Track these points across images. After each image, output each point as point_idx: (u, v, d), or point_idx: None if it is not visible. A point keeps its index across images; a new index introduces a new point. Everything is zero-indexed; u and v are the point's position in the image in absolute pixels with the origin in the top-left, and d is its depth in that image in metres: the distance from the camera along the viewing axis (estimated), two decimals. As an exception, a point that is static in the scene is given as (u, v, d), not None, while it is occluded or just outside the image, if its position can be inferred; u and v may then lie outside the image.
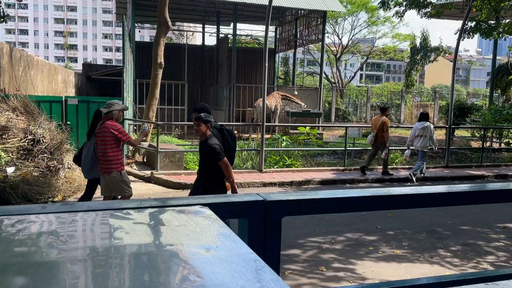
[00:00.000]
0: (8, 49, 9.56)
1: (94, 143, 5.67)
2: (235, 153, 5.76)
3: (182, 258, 0.74)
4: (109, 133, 5.46)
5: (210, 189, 4.89)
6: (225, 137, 5.18)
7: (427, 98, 33.59)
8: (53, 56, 79.40)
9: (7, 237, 0.83)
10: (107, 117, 5.57)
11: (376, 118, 10.46)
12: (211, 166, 4.86)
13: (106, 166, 5.54)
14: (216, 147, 4.75)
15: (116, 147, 5.59)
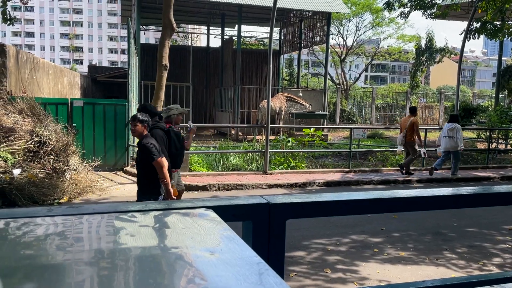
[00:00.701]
0: (14, 52, 9.63)
1: None
2: (183, 156, 5.57)
3: (186, 261, 0.75)
4: None
5: (144, 190, 4.74)
6: (172, 139, 5.06)
7: (433, 99, 33.44)
8: (59, 58, 79.88)
9: (14, 239, 0.84)
10: (167, 121, 5.86)
11: (405, 119, 10.63)
12: (145, 167, 4.69)
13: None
14: (150, 146, 4.58)
15: None
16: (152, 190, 4.73)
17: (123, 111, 10.10)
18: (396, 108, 28.07)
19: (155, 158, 4.58)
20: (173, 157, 5.05)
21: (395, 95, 29.96)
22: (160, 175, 4.66)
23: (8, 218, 0.91)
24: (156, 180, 4.70)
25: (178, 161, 5.25)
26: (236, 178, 9.31)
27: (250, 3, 16.93)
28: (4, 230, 0.87)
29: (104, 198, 7.70)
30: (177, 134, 5.20)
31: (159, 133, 4.98)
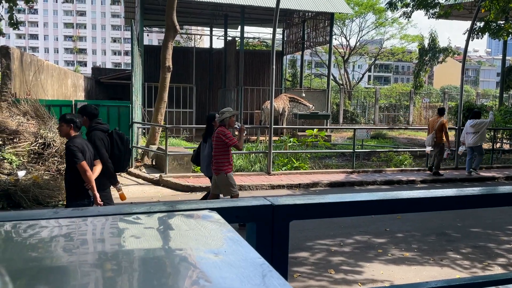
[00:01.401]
0: (18, 54, 9.69)
1: (210, 145, 6.35)
2: (128, 159, 5.38)
3: (191, 262, 0.76)
4: (219, 138, 6.07)
5: (69, 194, 4.64)
6: (114, 141, 4.94)
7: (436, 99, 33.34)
8: (63, 61, 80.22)
9: (20, 242, 0.84)
10: (221, 124, 6.15)
11: (433, 120, 10.78)
12: (70, 169, 4.55)
13: (217, 167, 6.15)
14: (72, 149, 4.42)
15: (225, 151, 6.15)
16: (79, 194, 4.56)
17: (127, 112, 10.12)
18: (400, 108, 27.99)
19: (78, 161, 4.41)
20: (116, 159, 4.90)
21: (399, 95, 29.89)
22: (85, 179, 4.45)
23: (14, 221, 0.92)
24: (81, 185, 4.50)
25: (122, 163, 5.08)
26: (240, 179, 9.32)
27: (252, 4, 16.95)
28: (11, 232, 0.88)
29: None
30: (120, 136, 5.05)
31: (99, 135, 4.84)
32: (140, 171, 9.98)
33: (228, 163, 6.17)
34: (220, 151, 6.10)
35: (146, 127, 13.30)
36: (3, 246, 0.83)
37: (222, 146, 6.08)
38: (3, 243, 0.85)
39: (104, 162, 4.80)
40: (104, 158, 4.81)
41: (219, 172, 6.12)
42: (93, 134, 4.87)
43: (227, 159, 6.15)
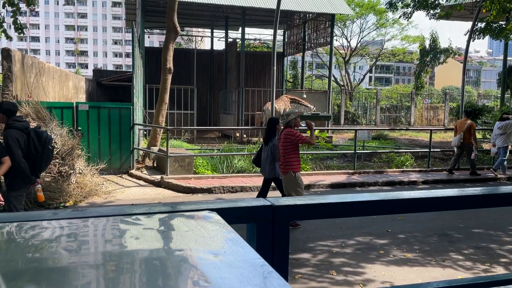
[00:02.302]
0: (20, 56, 9.70)
1: (271, 147, 6.54)
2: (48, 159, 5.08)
3: (190, 263, 0.75)
4: (288, 139, 6.25)
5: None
6: (31, 140, 4.77)
7: (438, 100, 33.31)
8: (64, 63, 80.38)
9: (20, 243, 0.84)
10: (287, 126, 6.35)
11: (461, 122, 11.01)
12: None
13: (285, 167, 6.31)
14: None
15: (294, 152, 6.32)
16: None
17: (128, 114, 10.13)
18: (401, 109, 27.97)
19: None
20: (32, 160, 4.77)
21: (400, 96, 29.87)
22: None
23: (14, 222, 0.92)
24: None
25: (40, 164, 4.91)
26: (241, 181, 9.32)
27: (253, 6, 16.97)
28: (11, 233, 0.88)
29: (110, 201, 7.72)
30: (38, 135, 4.85)
31: (13, 134, 4.67)
32: (142, 173, 9.99)
33: (297, 163, 6.38)
34: (289, 152, 6.29)
35: (147, 128, 13.31)
36: (4, 247, 0.83)
37: (290, 146, 6.27)
38: (4, 244, 0.85)
39: (17, 163, 4.62)
40: (16, 158, 4.62)
41: (287, 171, 6.28)
42: (7, 133, 4.70)
43: (296, 159, 6.35)
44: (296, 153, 6.36)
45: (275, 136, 6.62)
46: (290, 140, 6.25)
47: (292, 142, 6.25)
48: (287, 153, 6.30)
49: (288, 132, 6.30)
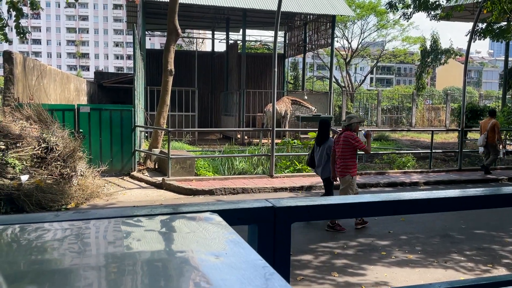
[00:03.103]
0: (21, 59, 9.72)
1: (325, 148, 6.71)
2: None
3: (192, 265, 0.75)
4: (348, 143, 6.31)
5: None
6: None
7: (439, 101, 33.30)
8: (66, 65, 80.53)
9: (23, 245, 0.84)
10: (347, 128, 6.43)
11: (485, 121, 11.13)
12: None
13: (343, 169, 6.41)
14: None
15: (352, 154, 6.41)
16: None
17: (129, 116, 10.14)
18: (402, 110, 27.96)
19: None
20: None
21: (401, 97, 29.86)
22: None
23: (16, 224, 0.92)
24: None
25: None
26: (242, 182, 9.31)
27: (254, 7, 16.99)
28: (13, 235, 0.88)
29: (111, 203, 7.73)
30: None
31: None
32: (143, 175, 9.99)
33: (355, 166, 6.49)
34: (348, 154, 6.37)
35: (149, 130, 13.31)
36: (5, 249, 0.83)
37: (349, 149, 6.35)
38: (5, 246, 0.85)
39: None
40: None
41: (345, 174, 6.39)
42: None
43: (354, 162, 6.47)
44: (354, 157, 6.48)
45: (329, 137, 6.85)
46: (350, 144, 6.33)
47: (351, 146, 6.34)
48: (345, 157, 6.39)
49: (348, 135, 6.37)
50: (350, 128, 6.44)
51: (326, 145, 6.75)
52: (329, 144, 6.75)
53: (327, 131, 6.93)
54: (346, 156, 6.37)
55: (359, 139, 6.49)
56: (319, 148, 6.86)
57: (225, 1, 16.95)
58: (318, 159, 6.89)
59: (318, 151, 6.89)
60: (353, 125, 6.45)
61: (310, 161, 7.17)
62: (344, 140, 6.36)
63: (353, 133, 6.43)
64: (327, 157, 6.71)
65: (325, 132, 6.90)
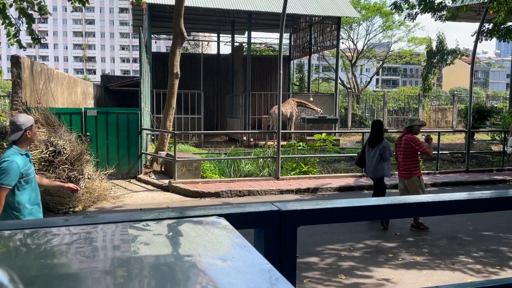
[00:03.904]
0: (29, 63, 9.82)
1: (379, 149, 6.80)
2: None
3: (199, 268, 0.76)
4: (409, 146, 6.43)
5: None
6: None
7: (446, 102, 33.13)
8: (72, 69, 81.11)
9: (32, 249, 0.86)
10: (408, 131, 6.55)
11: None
12: None
13: (407, 172, 6.51)
14: None
15: (415, 157, 6.52)
16: None
17: (136, 119, 10.20)
18: (409, 111, 27.83)
19: None
20: None
21: (407, 99, 29.74)
22: None
23: (27, 229, 0.93)
24: None
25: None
26: (248, 184, 9.32)
27: (259, 10, 17.03)
28: (24, 240, 0.89)
29: (118, 206, 7.77)
30: None
31: None
32: (150, 177, 10.03)
33: (418, 167, 6.60)
34: (410, 157, 6.49)
35: (155, 133, 13.37)
36: (16, 254, 0.85)
37: (412, 152, 6.46)
38: (16, 251, 0.87)
39: None
40: None
41: (411, 176, 6.48)
42: None
43: (417, 164, 6.57)
44: (417, 159, 6.59)
45: (383, 139, 6.95)
46: (411, 147, 6.44)
47: (413, 149, 6.45)
48: (408, 159, 6.50)
49: (410, 138, 6.47)
50: (411, 130, 6.54)
51: (380, 146, 6.84)
52: (383, 145, 6.84)
53: (380, 132, 7.01)
54: (409, 158, 6.49)
55: (420, 142, 6.55)
56: (372, 149, 6.96)
57: (230, 4, 17.01)
58: (370, 160, 6.99)
59: (370, 152, 6.98)
60: (415, 127, 6.55)
61: (360, 160, 7.33)
62: (406, 143, 6.48)
63: (414, 136, 6.52)
64: (380, 158, 6.82)
65: (379, 133, 6.99)
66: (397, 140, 6.75)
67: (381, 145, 6.84)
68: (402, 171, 6.58)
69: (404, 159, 6.51)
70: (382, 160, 6.82)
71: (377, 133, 7.00)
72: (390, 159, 7.03)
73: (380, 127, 7.07)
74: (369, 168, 7.05)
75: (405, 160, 6.50)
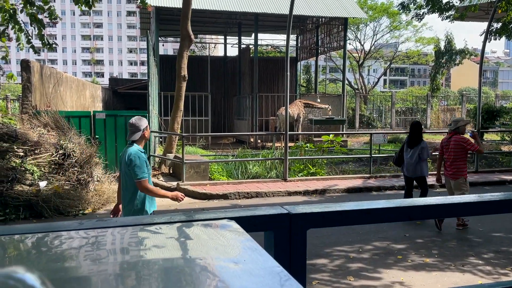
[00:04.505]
0: (38, 68, 9.93)
1: (418, 150, 6.99)
2: None
3: (212, 271, 0.78)
4: (459, 145, 6.56)
5: None
6: None
7: (454, 102, 32.86)
8: (81, 72, 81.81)
9: (48, 253, 0.88)
10: (455, 132, 6.66)
11: None
12: None
13: (454, 173, 6.64)
14: None
15: (465, 157, 6.68)
16: None
17: (144, 122, 10.25)
18: (417, 111, 27.66)
19: None
20: None
21: (415, 99, 29.56)
22: None
23: (42, 232, 0.96)
24: None
25: None
26: (256, 186, 9.34)
27: (266, 12, 17.06)
28: (39, 243, 0.92)
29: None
30: None
31: None
32: (158, 180, 10.08)
33: (466, 168, 6.75)
34: (460, 157, 6.62)
35: (163, 135, 13.44)
36: (32, 257, 0.87)
37: (462, 152, 6.60)
38: (31, 254, 0.89)
39: None
40: None
41: (458, 176, 6.61)
42: None
43: (465, 165, 6.72)
44: (465, 159, 6.71)
45: (422, 139, 7.14)
46: (462, 147, 6.56)
47: (464, 149, 6.57)
48: (457, 159, 6.60)
49: (460, 139, 6.59)
50: (457, 131, 6.63)
51: (419, 147, 7.03)
52: (423, 146, 7.03)
53: (419, 133, 7.20)
54: (459, 159, 6.60)
55: (471, 141, 6.69)
56: (410, 149, 7.13)
57: (237, 6, 17.06)
58: (409, 160, 7.14)
59: (409, 152, 7.15)
60: (461, 128, 6.65)
61: (398, 160, 7.49)
62: (456, 144, 6.57)
63: (463, 137, 6.65)
64: (419, 158, 7.01)
65: (418, 134, 7.17)
66: (443, 142, 6.84)
67: (420, 145, 7.05)
68: (449, 172, 6.69)
69: (454, 160, 6.61)
70: (420, 160, 7.03)
71: (417, 134, 7.19)
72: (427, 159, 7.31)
73: (420, 128, 7.28)
74: (408, 167, 7.20)
75: (455, 161, 6.60)
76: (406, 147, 7.25)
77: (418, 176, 7.18)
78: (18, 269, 0.50)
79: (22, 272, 0.50)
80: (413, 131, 7.26)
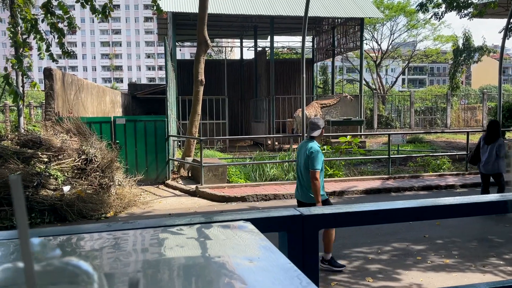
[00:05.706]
0: (60, 75, 10.22)
1: (495, 147, 7.32)
2: None
3: (229, 268, 0.85)
4: None
5: None
6: None
7: (475, 100, 32.27)
8: (101, 78, 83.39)
9: (79, 252, 0.97)
10: None
11: None
12: None
13: None
14: None
15: None
16: None
17: (163, 126, 10.45)
18: (437, 111, 27.28)
19: None
20: None
21: (435, 98, 29.16)
22: None
23: (74, 234, 1.05)
24: None
25: None
26: (274, 188, 9.39)
27: (281, 14, 17.14)
28: (75, 243, 1.01)
29: (148, 212, 7.98)
30: None
31: None
32: (177, 183, 10.24)
33: None
34: None
35: (182, 139, 13.63)
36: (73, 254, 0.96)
37: None
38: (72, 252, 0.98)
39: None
40: None
41: None
42: None
43: None
44: None
45: (499, 137, 7.49)
46: None
47: None
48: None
49: None
50: None
51: (496, 144, 7.35)
52: (500, 143, 7.36)
53: (497, 131, 7.53)
54: None
55: None
56: (487, 146, 7.44)
57: (252, 9, 17.18)
58: (486, 157, 7.45)
59: (486, 149, 7.46)
60: None
61: (474, 158, 7.80)
62: None
63: None
64: (496, 156, 7.32)
65: (496, 132, 7.50)
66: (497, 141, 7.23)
67: (498, 142, 7.36)
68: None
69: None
70: (498, 157, 7.34)
71: (495, 131, 7.52)
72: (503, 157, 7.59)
73: (498, 126, 7.65)
74: (485, 164, 7.49)
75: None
76: (483, 144, 7.53)
77: (495, 172, 7.44)
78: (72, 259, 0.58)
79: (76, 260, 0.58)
80: (490, 128, 7.58)
